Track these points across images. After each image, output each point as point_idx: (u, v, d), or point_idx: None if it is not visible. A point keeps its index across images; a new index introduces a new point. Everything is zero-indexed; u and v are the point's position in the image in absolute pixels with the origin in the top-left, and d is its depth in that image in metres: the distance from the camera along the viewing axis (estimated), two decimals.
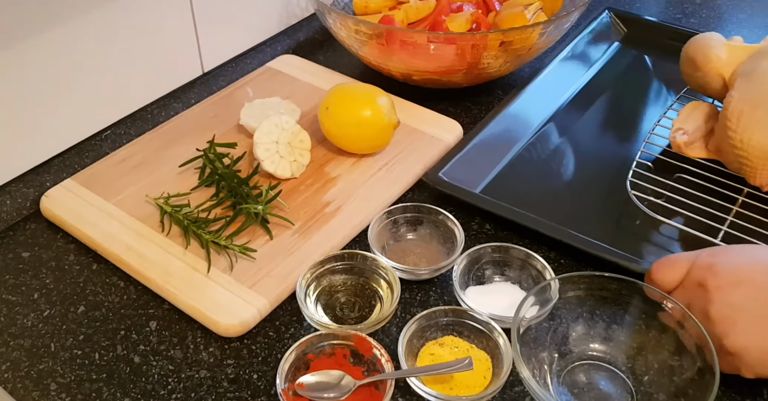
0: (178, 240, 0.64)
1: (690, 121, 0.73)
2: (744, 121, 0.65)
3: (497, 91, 0.87)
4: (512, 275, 0.62)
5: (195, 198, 0.68)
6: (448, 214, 0.64)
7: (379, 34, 0.77)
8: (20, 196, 0.68)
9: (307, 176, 0.71)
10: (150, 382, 0.55)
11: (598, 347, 0.55)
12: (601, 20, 0.95)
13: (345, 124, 0.71)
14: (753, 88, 0.65)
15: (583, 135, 0.80)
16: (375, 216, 0.65)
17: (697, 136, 0.72)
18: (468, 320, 0.56)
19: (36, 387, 0.54)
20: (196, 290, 0.59)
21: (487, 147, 0.75)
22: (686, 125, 0.73)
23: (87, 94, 0.71)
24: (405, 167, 0.72)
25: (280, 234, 0.65)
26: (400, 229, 0.66)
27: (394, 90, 0.79)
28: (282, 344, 0.57)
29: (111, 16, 0.69)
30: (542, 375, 0.53)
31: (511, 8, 0.85)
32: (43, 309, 0.60)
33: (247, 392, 0.54)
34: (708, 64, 0.71)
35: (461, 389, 0.53)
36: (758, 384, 0.54)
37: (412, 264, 0.63)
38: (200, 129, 0.77)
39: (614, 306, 0.55)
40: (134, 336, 0.58)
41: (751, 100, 0.65)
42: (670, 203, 0.67)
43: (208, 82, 0.84)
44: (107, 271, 0.64)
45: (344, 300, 0.60)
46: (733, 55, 0.71)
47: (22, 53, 0.63)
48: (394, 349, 0.56)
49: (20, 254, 0.65)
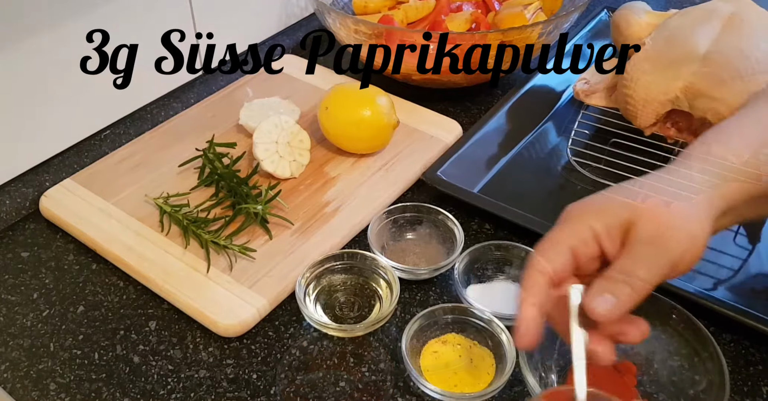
0: (177, 240, 0.64)
1: (597, 73, 0.81)
2: (639, 65, 0.70)
3: (496, 90, 0.87)
4: (513, 273, 0.62)
5: (194, 198, 0.68)
6: (447, 214, 0.64)
7: (378, 33, 0.77)
8: (19, 195, 0.68)
9: (307, 176, 0.71)
10: (149, 382, 0.55)
11: None
12: (600, 19, 0.95)
13: (344, 123, 0.71)
14: (657, 40, 0.71)
15: None
16: (374, 216, 0.65)
17: (599, 86, 0.79)
18: (470, 317, 0.56)
19: (35, 387, 0.54)
20: (195, 290, 0.59)
21: (486, 146, 0.75)
22: (591, 77, 0.81)
23: (86, 94, 0.71)
24: (404, 167, 0.72)
25: (279, 234, 0.65)
26: (399, 229, 0.66)
27: (394, 90, 0.79)
28: (281, 344, 0.57)
29: (111, 16, 0.69)
30: (549, 383, 0.52)
31: (510, 8, 0.85)
32: (43, 309, 0.60)
33: (246, 392, 0.54)
34: (629, 29, 0.77)
35: (465, 386, 0.53)
36: (758, 384, 0.54)
37: (412, 263, 0.63)
38: (200, 129, 0.77)
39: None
40: (134, 336, 0.58)
41: (653, 49, 0.70)
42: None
43: (208, 82, 0.84)
44: (106, 271, 0.64)
45: (344, 299, 0.60)
46: (652, 20, 0.76)
47: (22, 53, 0.63)
48: (393, 349, 0.56)
49: (19, 254, 0.65)
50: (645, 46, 0.72)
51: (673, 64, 0.69)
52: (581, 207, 0.46)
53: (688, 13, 0.73)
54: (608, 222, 0.44)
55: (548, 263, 0.44)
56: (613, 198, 0.45)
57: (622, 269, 0.43)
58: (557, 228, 0.46)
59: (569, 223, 0.45)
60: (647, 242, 0.43)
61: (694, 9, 0.73)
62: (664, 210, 0.43)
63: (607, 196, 0.46)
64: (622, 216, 0.44)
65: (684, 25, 0.71)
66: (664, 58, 0.70)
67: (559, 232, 0.45)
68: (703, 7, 0.72)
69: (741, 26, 0.68)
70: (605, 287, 0.42)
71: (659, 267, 0.42)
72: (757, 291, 0.61)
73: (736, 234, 0.66)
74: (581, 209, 0.46)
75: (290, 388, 0.54)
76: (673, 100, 0.69)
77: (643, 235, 0.43)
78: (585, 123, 0.78)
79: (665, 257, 0.42)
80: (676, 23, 0.72)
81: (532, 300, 0.44)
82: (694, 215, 0.44)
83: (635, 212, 0.43)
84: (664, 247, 0.42)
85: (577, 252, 0.44)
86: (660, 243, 0.43)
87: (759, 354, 0.57)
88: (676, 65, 0.69)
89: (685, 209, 0.44)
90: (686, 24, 0.71)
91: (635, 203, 0.44)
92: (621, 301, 0.42)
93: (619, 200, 0.45)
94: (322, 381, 0.54)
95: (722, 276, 0.62)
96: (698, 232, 0.43)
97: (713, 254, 0.64)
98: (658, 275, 0.42)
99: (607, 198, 0.46)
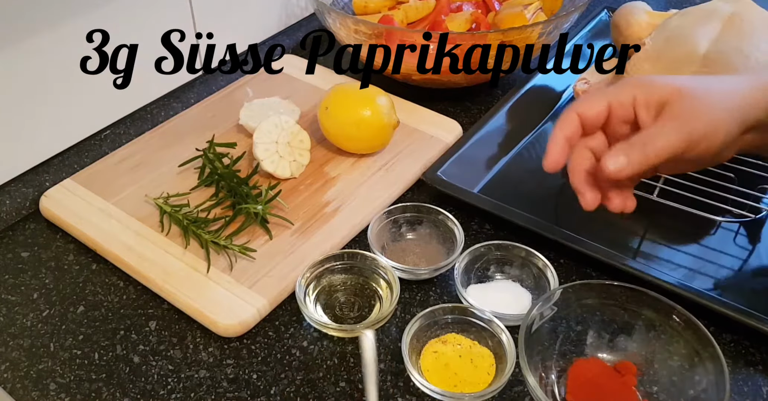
0: (177, 240, 0.64)
1: (597, 74, 0.81)
2: (639, 65, 0.71)
3: (496, 90, 0.87)
4: (513, 273, 0.62)
5: (194, 198, 0.68)
6: (447, 214, 0.64)
7: (378, 33, 0.77)
8: (19, 195, 0.68)
9: (307, 176, 0.71)
10: (149, 382, 0.55)
11: (606, 356, 0.54)
12: (600, 19, 0.95)
13: (345, 123, 0.71)
14: (657, 40, 0.72)
15: None
16: (374, 216, 0.65)
17: (599, 86, 0.78)
18: (470, 317, 0.56)
19: (35, 387, 0.54)
20: (195, 290, 0.59)
21: (486, 146, 0.75)
22: (591, 77, 0.81)
23: (86, 94, 0.71)
24: (404, 167, 0.72)
25: (279, 234, 0.65)
26: (399, 229, 0.66)
27: (394, 90, 0.79)
28: (281, 344, 0.57)
29: (111, 16, 0.69)
30: (549, 384, 0.52)
31: (510, 8, 0.85)
32: (43, 309, 0.60)
33: (246, 392, 0.54)
34: (629, 29, 0.78)
35: (465, 386, 0.53)
36: (758, 384, 0.54)
37: (412, 264, 0.63)
38: (200, 129, 0.77)
39: (623, 315, 0.54)
40: (134, 336, 0.58)
41: (653, 49, 0.71)
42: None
43: (208, 82, 0.84)
44: (107, 271, 0.64)
45: (344, 299, 0.60)
46: (652, 20, 0.77)
47: (22, 53, 0.63)
48: (393, 349, 0.56)
49: (19, 254, 0.65)
50: (645, 46, 0.72)
51: (673, 64, 0.69)
52: (635, 79, 0.50)
53: (688, 13, 0.73)
54: (650, 93, 0.48)
55: (586, 109, 0.50)
56: (666, 77, 0.50)
57: (644, 137, 0.47)
58: (605, 88, 0.50)
59: (617, 86, 0.50)
60: (674, 117, 0.47)
61: (694, 9, 0.73)
62: (702, 93, 0.48)
63: (662, 76, 0.51)
64: (664, 92, 0.48)
65: (684, 25, 0.71)
66: (664, 58, 0.70)
67: (605, 90, 0.50)
68: (703, 7, 0.72)
69: (741, 26, 0.68)
70: (623, 148, 0.47)
71: (676, 141, 0.47)
72: (757, 291, 0.61)
73: (736, 234, 0.67)
74: (635, 80, 0.50)
75: (290, 388, 0.54)
76: None
77: (674, 112, 0.47)
78: None
79: (684, 132, 0.47)
80: (676, 23, 0.72)
81: (565, 132, 0.50)
82: (726, 103, 0.48)
83: (677, 92, 0.48)
84: (687, 124, 0.47)
85: (614, 109, 0.49)
86: (684, 119, 0.47)
87: (759, 354, 0.57)
88: (676, 65, 0.69)
89: (721, 96, 0.48)
90: (686, 24, 0.71)
91: (680, 85, 0.48)
92: (631, 164, 0.47)
93: (669, 80, 0.49)
94: (322, 381, 0.54)
95: (722, 276, 0.62)
96: (720, 122, 0.48)
97: (713, 254, 0.64)
98: (674, 148, 0.47)
99: (661, 77, 0.51)
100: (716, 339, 0.50)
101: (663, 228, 0.67)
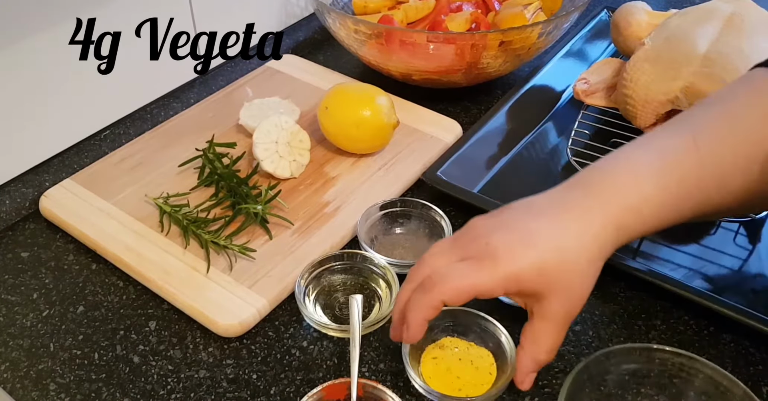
0: (177, 240, 0.64)
1: (597, 73, 0.81)
2: (639, 65, 0.71)
3: (496, 90, 0.87)
4: None
5: (194, 198, 0.68)
6: (437, 209, 0.64)
7: (378, 33, 0.77)
8: (19, 195, 0.68)
9: (307, 176, 0.71)
10: (149, 382, 0.55)
11: None
12: (600, 19, 0.95)
13: (344, 123, 0.71)
14: (657, 40, 0.72)
15: None
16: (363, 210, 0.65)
17: (599, 86, 0.79)
18: (464, 319, 0.56)
19: (35, 387, 0.54)
20: (195, 290, 0.59)
21: (486, 146, 0.75)
22: (591, 76, 0.81)
23: (86, 94, 0.71)
24: (404, 167, 0.72)
25: (279, 234, 0.64)
26: (388, 223, 0.66)
27: (394, 90, 0.79)
28: (281, 344, 0.57)
29: (110, 16, 0.69)
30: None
31: (510, 8, 0.85)
32: (42, 309, 0.60)
33: (246, 392, 0.54)
34: (628, 28, 0.78)
35: (470, 389, 0.52)
36: (758, 384, 0.54)
37: (400, 257, 0.63)
38: (199, 129, 0.77)
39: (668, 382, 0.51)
40: (133, 336, 0.58)
41: (653, 49, 0.71)
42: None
43: (208, 82, 0.84)
44: (106, 271, 0.64)
45: (343, 300, 0.60)
46: (652, 20, 0.77)
47: (22, 52, 0.63)
48: (393, 349, 0.56)
49: (19, 254, 0.65)
50: (645, 46, 0.72)
51: (673, 64, 0.69)
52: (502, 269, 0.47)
53: (688, 13, 0.73)
54: (519, 288, 0.47)
55: (454, 300, 0.47)
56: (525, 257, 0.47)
57: (532, 335, 0.49)
58: (475, 271, 0.47)
59: (486, 273, 0.47)
60: (551, 316, 0.48)
61: (694, 9, 0.73)
62: (560, 265, 0.46)
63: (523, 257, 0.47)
64: (531, 284, 0.47)
65: (684, 25, 0.71)
66: (663, 58, 0.70)
67: (476, 275, 0.47)
68: (703, 7, 0.72)
69: (741, 26, 0.68)
70: (527, 367, 0.49)
71: (561, 329, 0.48)
72: (757, 291, 0.61)
73: (736, 234, 0.67)
74: (501, 270, 0.47)
75: (290, 388, 0.54)
76: (673, 100, 0.69)
77: (547, 309, 0.48)
78: (585, 123, 0.78)
79: (564, 318, 0.48)
80: (676, 23, 0.72)
81: (427, 318, 0.48)
82: (583, 255, 0.47)
83: (543, 281, 0.47)
84: (568, 317, 0.48)
85: (481, 295, 0.47)
86: (561, 310, 0.48)
87: (759, 354, 0.57)
88: (676, 65, 0.69)
89: (578, 252, 0.47)
90: (686, 24, 0.71)
91: (539, 268, 0.46)
92: (539, 365, 0.49)
93: (530, 267, 0.47)
94: (322, 381, 0.54)
95: (722, 276, 0.62)
96: (586, 277, 0.48)
97: (713, 254, 0.64)
98: (561, 334, 0.49)
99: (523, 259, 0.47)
100: (716, 339, 0.50)
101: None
